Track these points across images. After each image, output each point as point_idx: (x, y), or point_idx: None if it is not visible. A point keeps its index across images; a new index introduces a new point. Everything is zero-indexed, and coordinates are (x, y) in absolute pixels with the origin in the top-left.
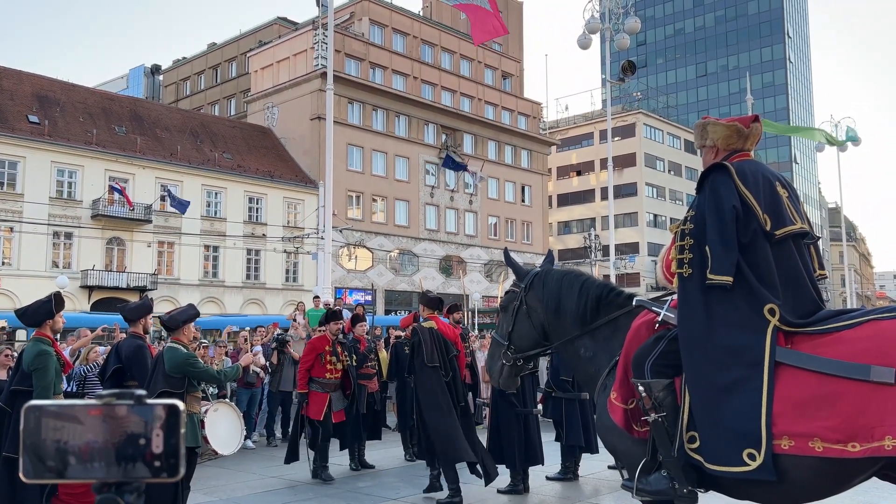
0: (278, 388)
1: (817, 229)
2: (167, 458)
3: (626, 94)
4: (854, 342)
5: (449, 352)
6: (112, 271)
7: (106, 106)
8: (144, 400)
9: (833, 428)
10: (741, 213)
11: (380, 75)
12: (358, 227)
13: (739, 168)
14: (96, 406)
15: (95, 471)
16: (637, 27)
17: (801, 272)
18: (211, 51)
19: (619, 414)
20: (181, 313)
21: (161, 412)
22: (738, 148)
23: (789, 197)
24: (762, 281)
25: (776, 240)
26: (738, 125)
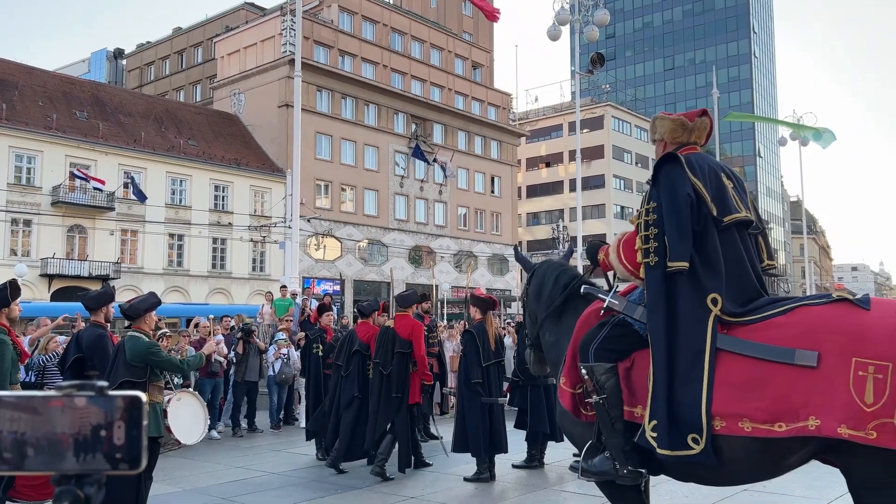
0: (244, 379)
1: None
2: (129, 450)
3: (594, 86)
4: (783, 327)
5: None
6: (73, 260)
7: (66, 90)
8: (105, 391)
9: (761, 409)
10: (694, 201)
11: (349, 63)
12: (326, 216)
13: (688, 159)
14: (56, 397)
15: (54, 463)
16: (606, 20)
17: (744, 260)
18: (176, 35)
19: (567, 398)
20: (142, 302)
21: (123, 403)
22: (684, 141)
23: (734, 187)
24: (709, 268)
25: (722, 227)
26: (682, 119)
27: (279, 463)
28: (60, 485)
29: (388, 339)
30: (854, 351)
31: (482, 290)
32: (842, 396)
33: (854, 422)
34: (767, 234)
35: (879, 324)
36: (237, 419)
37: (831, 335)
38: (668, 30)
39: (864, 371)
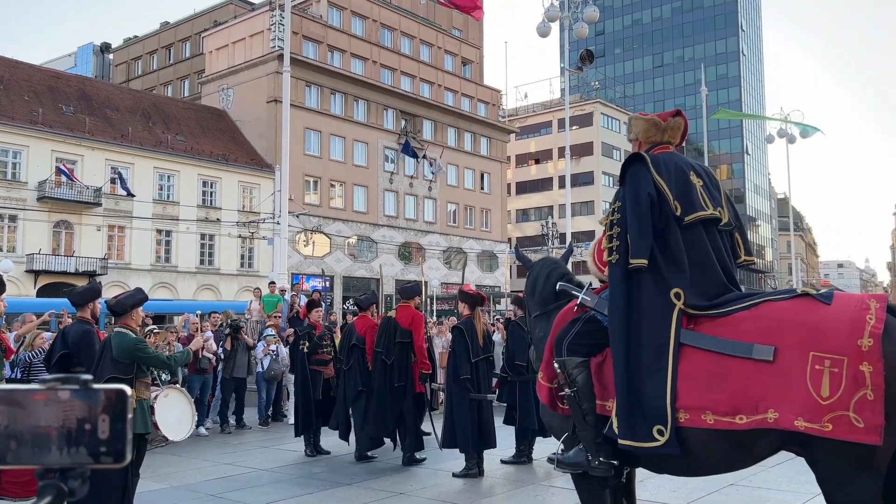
0: (231, 375)
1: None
2: (113, 444)
3: (584, 83)
4: (744, 322)
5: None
6: (59, 255)
7: (52, 84)
8: (90, 385)
9: (722, 402)
10: (656, 200)
11: (338, 59)
12: (315, 212)
13: (654, 158)
14: (40, 391)
15: (38, 456)
16: (595, 16)
17: (710, 256)
18: (164, 30)
19: (545, 392)
20: (128, 297)
21: (107, 397)
22: (658, 140)
23: (704, 185)
24: (672, 265)
25: (685, 225)
26: (656, 119)
27: (267, 459)
28: (44, 478)
29: (391, 328)
30: (811, 345)
31: (471, 286)
32: (799, 390)
33: (810, 414)
34: (746, 230)
35: (838, 318)
36: (225, 416)
37: (790, 330)
38: (657, 27)
39: (821, 365)
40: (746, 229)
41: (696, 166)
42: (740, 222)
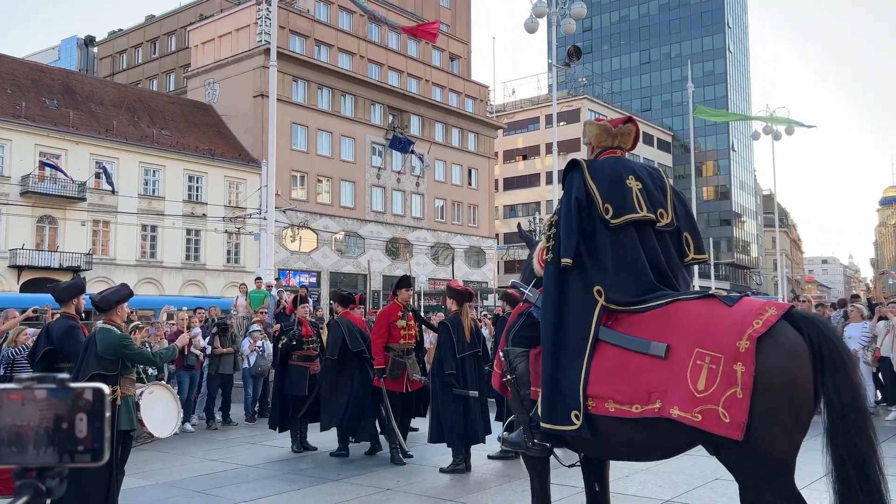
0: (217, 371)
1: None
2: (91, 443)
3: (571, 79)
4: (651, 320)
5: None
6: (43, 251)
7: (36, 78)
8: (67, 383)
9: (623, 392)
10: (584, 203)
11: (325, 53)
12: (302, 207)
13: (592, 164)
14: (16, 390)
15: (15, 455)
16: (583, 13)
17: (638, 256)
18: (149, 23)
19: (497, 380)
20: (114, 293)
21: (85, 395)
22: (608, 145)
23: (643, 188)
24: (597, 264)
25: (615, 226)
26: (607, 125)
27: (254, 455)
28: (21, 478)
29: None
30: (698, 343)
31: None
32: (680, 383)
33: (684, 405)
34: (697, 229)
35: (728, 320)
36: (211, 412)
37: (685, 328)
38: (644, 24)
39: (702, 361)
40: (697, 226)
41: (637, 170)
42: (692, 222)
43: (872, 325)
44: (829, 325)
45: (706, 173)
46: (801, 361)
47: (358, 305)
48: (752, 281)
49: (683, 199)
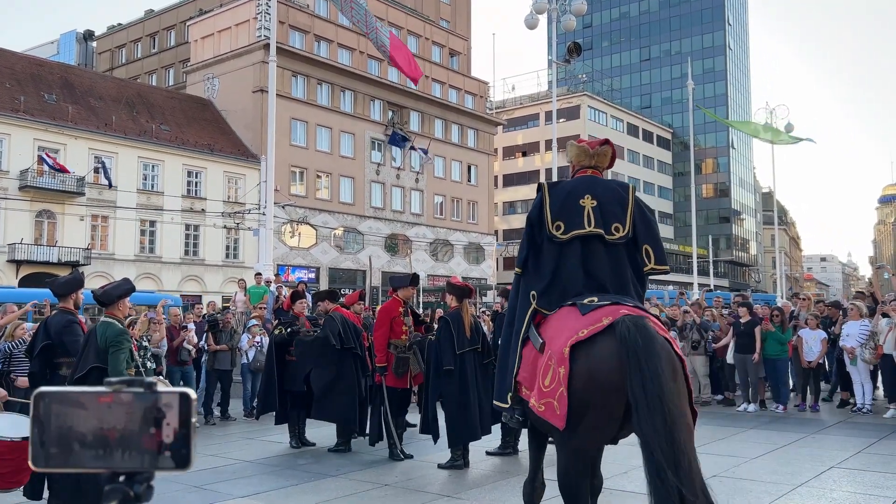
0: (213, 367)
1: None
2: (177, 449)
3: (571, 76)
4: (553, 322)
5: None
6: (42, 245)
7: (35, 72)
8: (155, 387)
9: (528, 381)
10: (535, 221)
11: (325, 49)
12: (301, 203)
13: (555, 186)
14: (105, 392)
15: (102, 460)
16: (583, 9)
17: (576, 267)
18: (148, 18)
19: None
20: (115, 288)
21: (172, 400)
22: (586, 165)
23: (596, 206)
24: (537, 273)
25: (561, 241)
26: (585, 147)
27: (252, 451)
28: (111, 482)
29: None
30: (550, 345)
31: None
32: (538, 378)
33: (537, 397)
34: (658, 241)
35: (569, 327)
36: (209, 407)
37: (554, 331)
38: (644, 20)
39: (550, 361)
40: (657, 239)
41: (597, 189)
42: (653, 235)
43: (875, 323)
44: (643, 332)
45: (706, 170)
46: (606, 365)
47: (358, 301)
48: (750, 278)
49: (647, 213)
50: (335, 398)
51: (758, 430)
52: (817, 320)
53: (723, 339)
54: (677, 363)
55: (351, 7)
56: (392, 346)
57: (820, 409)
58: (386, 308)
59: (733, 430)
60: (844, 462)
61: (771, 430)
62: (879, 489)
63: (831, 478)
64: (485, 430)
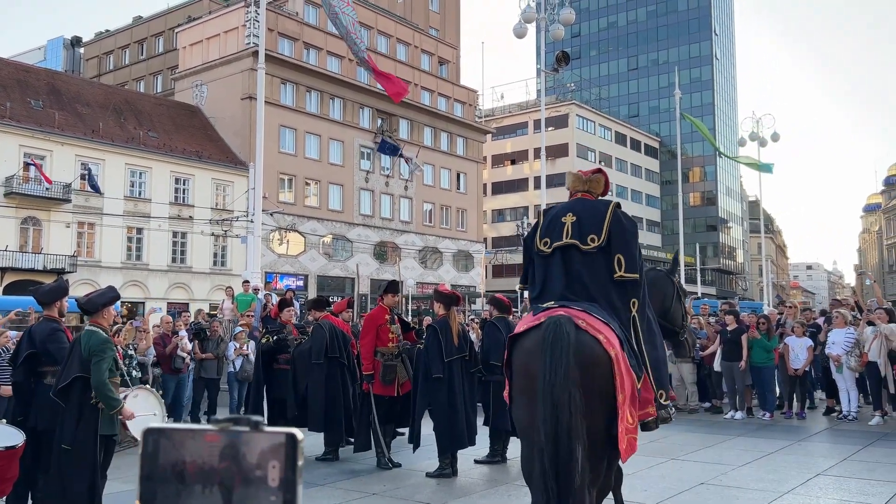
0: (200, 375)
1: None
2: (284, 492)
3: (559, 84)
4: (530, 320)
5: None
6: (27, 252)
7: (21, 78)
8: (262, 427)
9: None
10: (529, 242)
11: (314, 56)
12: (290, 210)
13: (549, 210)
14: (212, 431)
15: (208, 499)
16: (572, 18)
17: (555, 275)
18: (136, 24)
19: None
20: (100, 296)
21: (278, 441)
22: (581, 189)
23: (575, 222)
24: (532, 282)
25: (546, 253)
26: (579, 174)
27: None
28: None
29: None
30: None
31: (446, 285)
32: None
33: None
34: (629, 251)
35: (524, 323)
36: (196, 416)
37: (517, 328)
38: (632, 30)
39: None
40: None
41: (578, 207)
42: (625, 245)
43: (860, 331)
44: (557, 328)
45: (693, 179)
46: (530, 357)
47: (347, 309)
48: (737, 286)
49: (625, 225)
50: (321, 407)
51: (745, 438)
52: (803, 328)
53: (710, 347)
54: (590, 360)
55: (336, 17)
56: (379, 353)
57: (806, 417)
58: (372, 316)
59: (720, 437)
60: (831, 469)
61: (758, 438)
62: (865, 496)
63: (818, 485)
64: (471, 440)
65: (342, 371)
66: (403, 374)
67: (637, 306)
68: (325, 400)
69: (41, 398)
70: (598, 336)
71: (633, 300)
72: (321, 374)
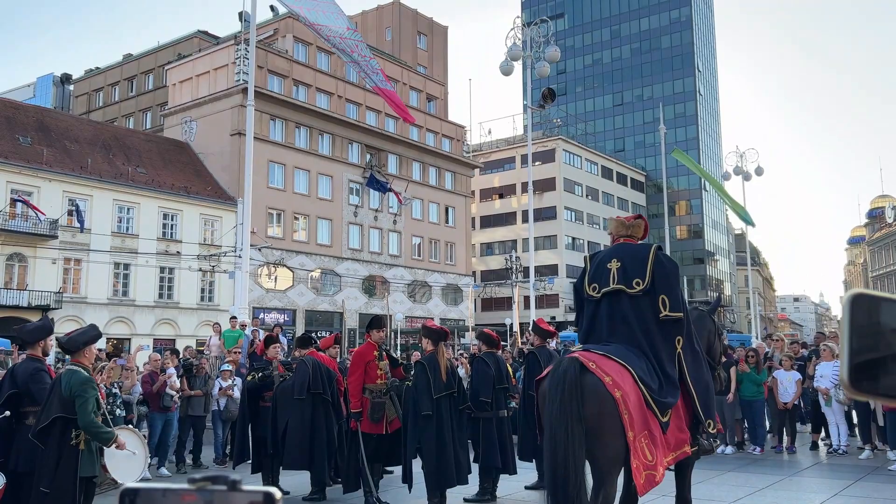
0: (187, 413)
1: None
2: None
3: (546, 120)
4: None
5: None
6: (12, 289)
7: (9, 115)
8: (239, 486)
9: None
10: (579, 287)
11: (303, 93)
12: (278, 245)
13: (595, 255)
14: (189, 491)
15: None
16: (557, 56)
17: (602, 316)
18: (126, 62)
19: None
20: (81, 334)
21: (256, 499)
22: (623, 234)
23: (620, 267)
24: (581, 326)
25: (594, 299)
26: (622, 220)
27: None
28: None
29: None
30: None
31: (435, 321)
32: None
33: None
34: (673, 291)
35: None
36: (181, 454)
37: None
38: (616, 67)
39: None
40: (674, 288)
41: (622, 253)
42: (668, 286)
43: None
44: (563, 370)
45: (679, 212)
46: (542, 396)
47: (334, 345)
48: (725, 319)
49: (666, 267)
50: (305, 445)
51: (736, 473)
52: (791, 361)
53: None
54: (592, 398)
55: (350, 51)
56: (367, 390)
57: (797, 451)
58: (360, 352)
59: (712, 472)
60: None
61: (749, 473)
62: None
63: None
64: (460, 479)
65: (326, 407)
66: (392, 412)
67: (682, 343)
68: (306, 436)
69: (22, 440)
70: (603, 378)
71: (678, 337)
72: (303, 409)
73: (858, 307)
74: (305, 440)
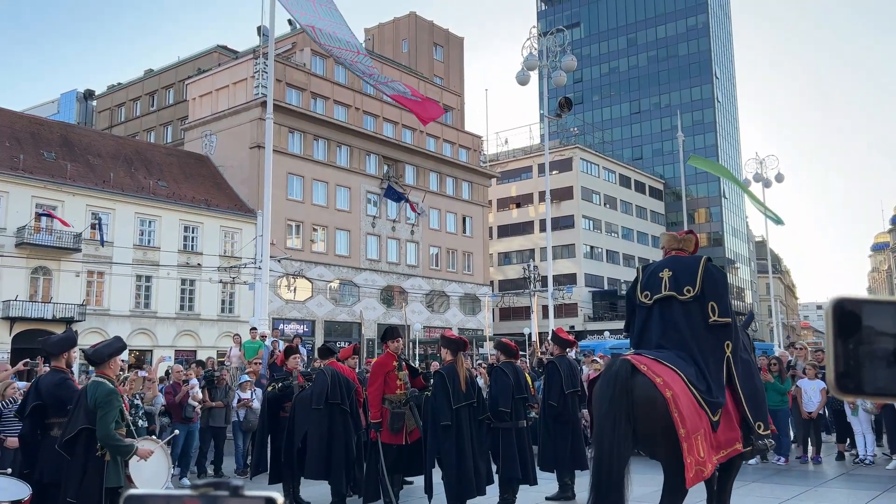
0: (208, 424)
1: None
2: None
3: (563, 129)
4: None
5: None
6: (37, 302)
7: (35, 131)
8: (241, 491)
9: None
10: (631, 294)
11: (321, 105)
12: (297, 256)
13: (647, 266)
14: (192, 497)
15: None
16: (573, 65)
17: (654, 322)
18: (147, 77)
19: None
20: (106, 347)
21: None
22: (675, 247)
23: (672, 276)
24: (632, 332)
25: (646, 305)
26: (674, 234)
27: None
28: None
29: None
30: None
31: (453, 330)
32: None
33: None
34: (722, 298)
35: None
36: (203, 465)
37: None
38: (633, 75)
39: None
40: (723, 292)
41: (673, 264)
42: (717, 293)
43: None
44: (613, 371)
45: (698, 220)
46: (593, 393)
47: (353, 355)
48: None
49: (715, 276)
50: (325, 456)
51: (761, 484)
52: (815, 369)
53: None
54: (643, 398)
55: (354, 62)
56: (387, 401)
57: (822, 461)
58: (379, 362)
59: (736, 483)
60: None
61: (774, 484)
62: None
63: None
64: (480, 490)
65: (344, 417)
66: (412, 422)
67: (731, 347)
68: (324, 446)
69: (47, 450)
70: (654, 379)
71: (727, 342)
72: (321, 420)
73: (841, 311)
74: (323, 450)
